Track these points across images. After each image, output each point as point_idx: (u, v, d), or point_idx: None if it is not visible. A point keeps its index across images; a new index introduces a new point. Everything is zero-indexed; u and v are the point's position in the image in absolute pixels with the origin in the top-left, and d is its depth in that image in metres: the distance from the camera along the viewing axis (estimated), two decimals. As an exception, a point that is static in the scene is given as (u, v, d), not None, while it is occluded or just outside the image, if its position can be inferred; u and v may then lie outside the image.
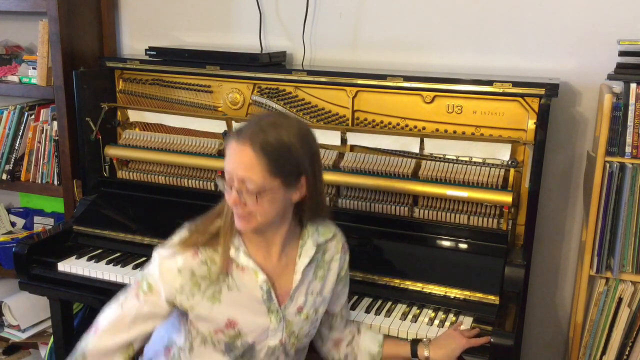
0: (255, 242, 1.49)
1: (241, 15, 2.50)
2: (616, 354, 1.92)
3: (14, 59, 2.74)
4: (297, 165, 1.41)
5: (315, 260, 1.56)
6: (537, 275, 2.28)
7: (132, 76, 2.46)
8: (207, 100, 2.37)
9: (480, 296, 1.84)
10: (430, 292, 1.89)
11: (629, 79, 1.78)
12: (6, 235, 2.84)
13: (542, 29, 2.12)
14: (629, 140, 1.80)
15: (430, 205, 2.05)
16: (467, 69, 2.20)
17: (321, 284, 1.59)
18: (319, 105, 2.20)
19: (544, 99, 1.89)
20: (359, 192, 2.13)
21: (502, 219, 1.97)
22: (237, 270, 1.47)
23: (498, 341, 1.63)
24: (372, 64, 2.33)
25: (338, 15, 2.36)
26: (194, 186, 2.33)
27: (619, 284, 1.89)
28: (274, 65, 2.30)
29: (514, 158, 1.99)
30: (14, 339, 2.78)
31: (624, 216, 1.83)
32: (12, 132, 2.62)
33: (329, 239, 1.60)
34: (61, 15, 2.38)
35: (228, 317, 1.47)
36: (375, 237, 2.01)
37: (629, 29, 2.02)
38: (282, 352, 1.56)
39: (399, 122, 2.12)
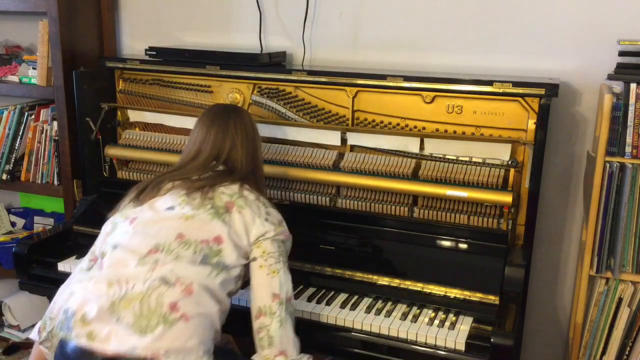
0: None
1: (241, 15, 2.50)
2: (616, 354, 1.92)
3: (14, 59, 2.74)
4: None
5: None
6: (537, 275, 2.28)
7: (132, 76, 2.46)
8: (207, 100, 2.36)
9: (480, 296, 1.84)
10: (430, 292, 1.89)
11: (629, 79, 1.78)
12: (6, 235, 2.84)
13: (542, 29, 2.12)
14: (629, 140, 1.80)
15: (430, 205, 2.05)
16: (467, 69, 2.20)
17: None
18: (319, 105, 2.20)
19: (544, 99, 1.89)
20: (359, 192, 2.13)
21: (502, 219, 1.97)
22: None
23: (498, 341, 1.63)
24: (372, 64, 2.33)
25: (338, 15, 2.36)
26: (194, 186, 2.32)
27: (619, 284, 1.89)
28: (274, 65, 2.30)
29: (514, 158, 1.99)
30: (14, 339, 2.79)
31: (624, 216, 1.83)
32: (12, 132, 2.63)
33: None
34: (61, 15, 2.39)
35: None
36: (375, 237, 2.01)
37: (629, 29, 2.02)
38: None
39: (399, 122, 2.12)
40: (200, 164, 1.75)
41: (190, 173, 1.72)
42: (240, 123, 1.82)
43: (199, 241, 1.57)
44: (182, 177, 1.71)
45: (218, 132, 1.79)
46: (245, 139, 1.81)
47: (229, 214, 1.63)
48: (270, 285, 1.60)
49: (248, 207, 1.65)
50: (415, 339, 1.75)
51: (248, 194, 1.69)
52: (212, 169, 1.74)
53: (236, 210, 1.64)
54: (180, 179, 1.70)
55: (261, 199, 1.72)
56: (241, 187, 1.70)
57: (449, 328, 1.76)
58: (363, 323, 1.79)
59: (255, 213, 1.65)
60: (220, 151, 1.77)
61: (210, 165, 1.75)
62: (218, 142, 1.78)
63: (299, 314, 1.85)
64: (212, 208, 1.63)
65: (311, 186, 2.18)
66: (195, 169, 1.73)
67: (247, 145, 1.81)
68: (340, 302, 1.89)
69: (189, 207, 1.62)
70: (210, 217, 1.61)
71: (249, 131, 1.83)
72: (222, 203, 1.64)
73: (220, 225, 1.60)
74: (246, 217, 1.64)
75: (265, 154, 2.21)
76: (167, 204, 1.65)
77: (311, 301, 1.90)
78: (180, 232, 1.58)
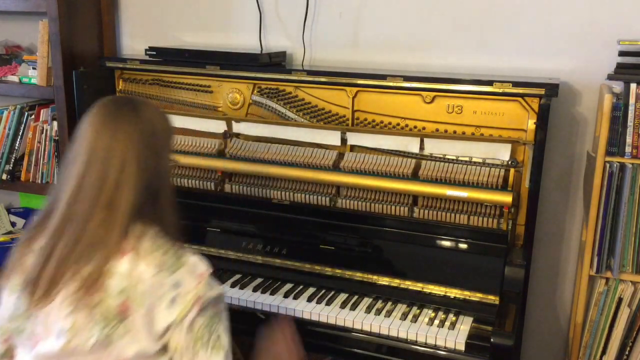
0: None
1: (241, 15, 2.50)
2: (616, 354, 1.92)
3: (14, 59, 2.74)
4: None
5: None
6: (537, 275, 2.28)
7: (132, 76, 2.46)
8: (207, 100, 2.37)
9: (480, 296, 1.84)
10: (430, 292, 1.90)
11: (629, 79, 1.78)
12: (6, 235, 2.84)
13: (542, 29, 2.12)
14: (629, 140, 1.80)
15: (430, 205, 2.05)
16: (467, 69, 2.20)
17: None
18: (319, 105, 2.20)
19: (544, 99, 1.89)
20: (359, 192, 2.13)
21: (502, 219, 1.97)
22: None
23: (498, 341, 1.63)
24: (372, 64, 2.33)
25: (338, 15, 2.36)
26: (194, 186, 2.32)
27: (619, 284, 1.89)
28: (274, 65, 2.30)
29: (514, 158, 1.99)
30: (14, 339, 2.78)
31: (624, 216, 1.83)
32: (12, 132, 2.62)
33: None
34: (61, 15, 2.38)
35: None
36: (375, 237, 2.01)
37: (629, 29, 2.02)
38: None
39: (399, 122, 2.12)
40: (84, 218, 1.29)
41: (75, 244, 1.28)
42: (135, 127, 1.33)
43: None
44: (67, 260, 1.27)
45: (104, 151, 1.31)
46: (142, 152, 1.33)
47: (125, 323, 1.26)
48: None
49: (144, 298, 1.27)
50: (415, 339, 1.75)
51: (144, 269, 1.27)
52: (102, 223, 1.29)
53: (131, 312, 1.26)
54: (68, 267, 1.27)
55: (164, 253, 1.31)
56: (135, 258, 1.28)
57: (449, 328, 1.76)
58: (363, 323, 1.80)
59: (156, 298, 1.28)
60: (103, 183, 1.30)
61: (94, 216, 1.29)
62: (103, 168, 1.30)
63: (299, 314, 1.85)
64: (106, 327, 1.25)
65: (311, 186, 2.18)
66: (79, 231, 1.28)
67: (144, 162, 1.33)
68: (340, 302, 1.89)
69: (82, 336, 1.26)
70: (108, 340, 1.26)
71: (148, 137, 1.34)
72: (115, 308, 1.25)
73: (120, 349, 1.27)
74: (144, 316, 1.27)
75: (266, 154, 2.21)
76: (58, 323, 1.27)
77: (311, 301, 1.90)
78: None
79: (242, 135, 2.31)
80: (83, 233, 1.28)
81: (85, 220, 1.29)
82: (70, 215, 1.30)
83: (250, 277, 2.05)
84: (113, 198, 1.29)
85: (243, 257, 2.10)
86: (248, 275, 2.06)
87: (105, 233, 1.28)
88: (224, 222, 2.17)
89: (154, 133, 1.36)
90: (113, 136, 1.31)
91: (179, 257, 1.32)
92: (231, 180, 2.29)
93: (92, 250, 1.27)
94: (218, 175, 2.30)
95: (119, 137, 1.31)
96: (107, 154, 1.30)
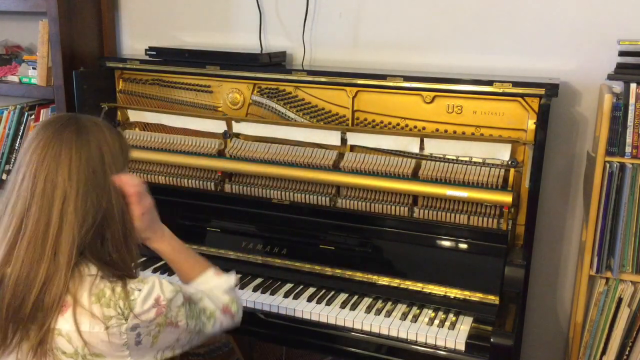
0: None
1: (241, 15, 2.50)
2: (616, 354, 1.92)
3: (14, 59, 2.74)
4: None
5: None
6: (537, 275, 2.28)
7: (132, 76, 2.46)
8: (207, 100, 2.37)
9: (480, 296, 1.84)
10: (430, 292, 1.90)
11: (629, 79, 1.78)
12: (6, 235, 2.84)
13: (542, 29, 2.12)
14: (629, 140, 1.80)
15: (430, 205, 2.05)
16: (467, 69, 2.20)
17: None
18: (319, 105, 2.20)
19: (544, 99, 1.89)
20: (359, 192, 2.13)
21: (502, 219, 1.97)
22: None
23: (498, 341, 1.63)
24: (372, 64, 2.33)
25: (338, 15, 2.36)
26: (194, 186, 2.32)
27: (619, 284, 1.89)
28: (274, 65, 2.30)
29: (514, 158, 1.99)
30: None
31: (624, 216, 1.83)
32: (12, 132, 2.63)
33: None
34: (61, 15, 2.39)
35: None
36: (375, 237, 2.01)
37: (629, 29, 2.02)
38: None
39: (399, 122, 2.12)
40: (28, 269, 1.16)
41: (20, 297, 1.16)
42: (77, 155, 1.21)
43: None
44: (15, 316, 1.16)
45: (46, 183, 1.18)
46: (85, 184, 1.21)
47: None
48: None
49: (110, 349, 1.20)
50: (415, 339, 1.75)
51: (90, 328, 1.17)
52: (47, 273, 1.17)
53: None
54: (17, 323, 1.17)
55: (108, 301, 1.19)
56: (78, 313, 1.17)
57: (449, 328, 1.76)
58: (363, 323, 1.79)
59: (118, 353, 1.21)
60: (47, 228, 1.18)
61: (40, 265, 1.17)
62: (46, 206, 1.18)
63: (299, 314, 1.85)
64: None
65: (311, 186, 2.18)
66: (23, 284, 1.16)
67: (87, 197, 1.21)
68: (340, 302, 1.89)
69: None
70: None
71: (92, 166, 1.22)
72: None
73: None
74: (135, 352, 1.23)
75: (266, 154, 2.21)
76: None
77: (311, 301, 1.90)
78: None
79: (242, 135, 2.31)
80: (28, 286, 1.16)
81: (30, 271, 1.17)
82: (9, 260, 1.19)
83: (250, 277, 2.05)
84: (57, 244, 1.17)
85: (243, 257, 2.10)
86: (248, 275, 2.06)
87: (50, 284, 1.16)
88: (224, 222, 2.17)
89: (101, 160, 1.24)
90: (54, 166, 1.19)
91: (127, 296, 1.21)
92: (231, 180, 2.29)
93: (37, 307, 1.16)
94: (218, 175, 2.30)
95: (60, 168, 1.19)
96: (49, 189, 1.18)
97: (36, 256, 1.17)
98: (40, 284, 1.16)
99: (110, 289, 1.20)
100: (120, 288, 1.21)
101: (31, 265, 1.17)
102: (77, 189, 1.20)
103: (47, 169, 1.19)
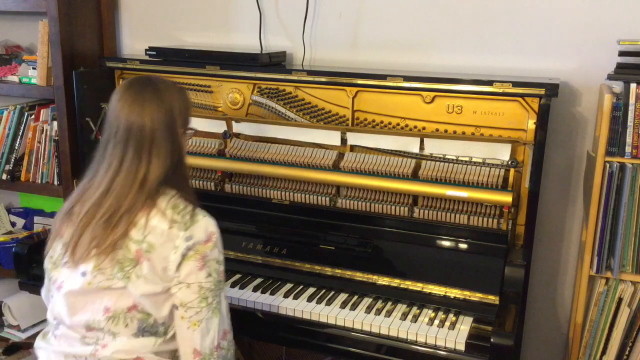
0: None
1: (241, 15, 2.50)
2: (616, 354, 1.92)
3: (14, 59, 2.74)
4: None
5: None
6: (537, 275, 2.29)
7: (132, 76, 2.46)
8: (207, 100, 2.37)
9: (480, 296, 1.84)
10: (430, 292, 1.90)
11: (629, 79, 1.78)
12: (6, 235, 2.84)
13: (542, 29, 2.12)
14: (629, 140, 1.80)
15: (430, 205, 2.05)
16: (467, 69, 2.20)
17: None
18: (319, 105, 2.20)
19: (544, 99, 1.89)
20: (359, 192, 2.13)
21: (502, 219, 1.97)
22: None
23: (498, 341, 1.63)
24: (372, 64, 2.33)
25: (338, 15, 2.36)
26: (194, 186, 2.32)
27: (619, 284, 1.89)
28: (274, 65, 2.30)
29: (514, 158, 1.99)
30: (14, 339, 2.79)
31: (624, 216, 1.83)
32: (12, 132, 2.63)
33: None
34: (61, 15, 2.39)
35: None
36: (375, 237, 2.01)
37: (629, 29, 2.02)
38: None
39: (399, 122, 2.12)
40: (122, 192, 1.47)
41: (112, 214, 1.46)
42: (158, 109, 1.50)
43: (126, 311, 1.46)
44: (105, 227, 1.46)
45: (138, 130, 1.49)
46: (167, 130, 1.51)
47: (139, 267, 1.44)
48: (192, 340, 1.47)
49: (157, 247, 1.45)
50: (415, 339, 1.75)
51: (158, 223, 1.46)
52: (136, 196, 1.48)
53: (144, 259, 1.45)
54: (104, 233, 1.46)
55: (179, 211, 1.49)
56: (150, 210, 1.47)
57: (449, 328, 1.76)
58: (363, 323, 1.80)
59: (168, 248, 1.45)
60: (140, 161, 1.49)
61: (131, 190, 1.48)
62: (138, 146, 1.49)
63: (299, 314, 1.85)
64: (121, 271, 1.44)
65: (311, 186, 2.18)
66: (116, 203, 1.47)
67: (170, 138, 1.52)
68: (340, 302, 1.89)
69: (102, 276, 1.45)
70: (123, 282, 1.45)
71: (170, 116, 1.52)
72: (132, 254, 1.45)
73: (134, 288, 1.45)
74: (156, 262, 1.45)
75: (266, 154, 2.21)
76: (83, 265, 1.48)
77: (311, 301, 1.90)
78: (106, 305, 1.46)
79: (242, 135, 2.31)
80: (120, 204, 1.46)
81: (124, 194, 1.46)
82: (109, 189, 1.48)
83: (250, 277, 2.05)
84: (146, 173, 1.48)
85: (243, 257, 2.10)
86: (248, 275, 2.06)
87: (136, 203, 1.46)
88: (224, 222, 2.14)
89: (175, 112, 1.53)
90: (142, 116, 1.48)
91: (193, 216, 1.49)
92: (231, 180, 2.29)
93: (124, 217, 1.45)
94: (218, 175, 2.30)
95: (147, 119, 1.48)
96: (141, 133, 1.47)
97: (133, 186, 1.47)
98: (132, 204, 1.46)
99: (184, 204, 1.50)
100: (191, 207, 1.51)
101: (128, 190, 1.47)
102: (161, 134, 1.49)
103: (137, 120, 1.48)
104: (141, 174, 1.47)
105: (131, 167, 1.48)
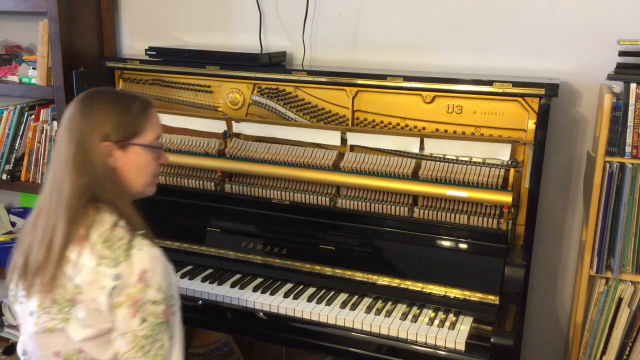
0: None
1: (241, 15, 2.50)
2: (616, 354, 1.92)
3: (14, 59, 2.74)
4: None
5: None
6: (537, 275, 2.28)
7: (132, 76, 2.46)
8: (207, 100, 2.37)
9: (480, 296, 1.84)
10: (430, 292, 1.90)
11: (629, 79, 1.78)
12: (6, 235, 2.84)
13: (542, 29, 2.12)
14: (629, 140, 1.80)
15: (430, 205, 2.05)
16: (467, 69, 2.20)
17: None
18: (319, 105, 2.20)
19: (544, 99, 1.89)
20: (359, 192, 2.13)
21: (502, 219, 1.97)
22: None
23: (498, 341, 1.63)
24: (372, 64, 2.33)
25: (338, 15, 2.36)
26: (194, 186, 2.32)
27: (619, 284, 1.89)
28: (274, 65, 2.30)
29: (514, 158, 1.99)
30: (14, 339, 2.79)
31: (624, 216, 1.83)
32: (12, 132, 2.62)
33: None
34: (61, 15, 2.39)
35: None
36: (375, 237, 2.01)
37: (629, 29, 2.02)
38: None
39: (399, 122, 2.12)
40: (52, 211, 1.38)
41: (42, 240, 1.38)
42: (80, 116, 1.40)
43: (78, 352, 1.36)
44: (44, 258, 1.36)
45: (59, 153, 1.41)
46: (83, 139, 1.39)
47: (76, 308, 1.34)
48: None
49: (84, 288, 1.33)
50: (415, 339, 1.75)
51: (86, 260, 1.33)
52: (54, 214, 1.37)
53: (78, 301, 1.34)
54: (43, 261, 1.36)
55: (111, 244, 1.34)
56: (83, 244, 1.34)
57: (449, 328, 1.76)
58: (363, 323, 1.80)
59: (96, 289, 1.32)
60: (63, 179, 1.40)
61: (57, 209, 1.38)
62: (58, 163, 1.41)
63: (299, 314, 1.85)
64: (60, 312, 1.35)
65: (311, 186, 2.18)
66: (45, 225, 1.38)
67: (74, 158, 1.39)
68: (340, 302, 1.89)
69: (46, 316, 1.36)
70: (63, 324, 1.35)
71: (91, 125, 1.39)
72: (69, 294, 1.34)
73: (73, 333, 1.35)
74: (89, 304, 1.33)
75: (266, 154, 2.21)
76: (32, 304, 1.39)
77: (311, 301, 1.90)
78: (54, 350, 1.37)
79: (242, 135, 2.31)
80: (48, 227, 1.36)
81: (52, 213, 1.37)
82: (41, 209, 1.40)
83: (250, 277, 2.05)
84: (62, 188, 1.37)
85: (243, 257, 2.10)
86: (248, 275, 2.06)
87: (60, 222, 1.35)
88: (224, 222, 2.17)
89: (104, 125, 1.39)
90: (68, 130, 1.40)
91: (127, 249, 1.34)
92: (231, 180, 2.29)
93: (55, 241, 1.35)
94: (218, 175, 2.30)
95: (70, 132, 1.39)
96: (66, 146, 1.39)
97: (53, 206, 1.37)
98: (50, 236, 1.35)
99: (121, 234, 1.35)
100: (129, 238, 1.35)
101: (47, 222, 1.37)
102: (77, 149, 1.37)
103: (63, 134, 1.40)
104: (63, 190, 1.37)
105: (54, 184, 1.39)
